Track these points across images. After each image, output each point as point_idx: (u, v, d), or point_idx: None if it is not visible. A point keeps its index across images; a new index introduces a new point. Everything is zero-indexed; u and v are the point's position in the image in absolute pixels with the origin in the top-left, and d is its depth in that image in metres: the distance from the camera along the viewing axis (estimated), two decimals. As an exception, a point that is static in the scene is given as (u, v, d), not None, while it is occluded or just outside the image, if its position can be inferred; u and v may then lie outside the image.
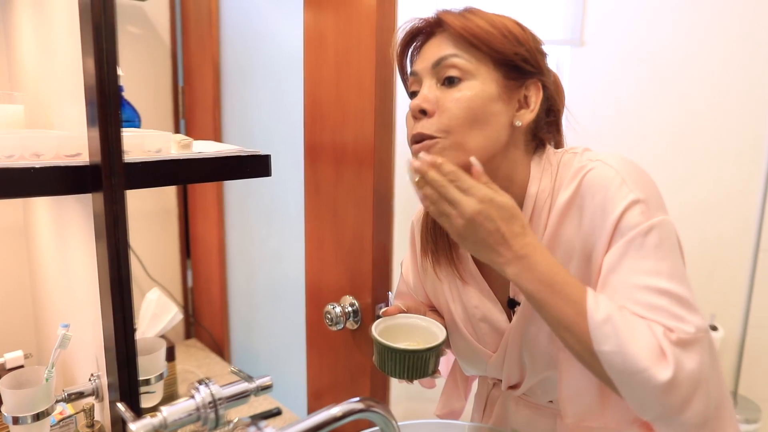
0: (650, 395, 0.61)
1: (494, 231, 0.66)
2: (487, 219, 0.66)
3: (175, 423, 0.57)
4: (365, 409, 0.63)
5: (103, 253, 0.80)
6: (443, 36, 0.75)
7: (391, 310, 0.82)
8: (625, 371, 0.61)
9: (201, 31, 1.62)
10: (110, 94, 0.75)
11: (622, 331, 0.62)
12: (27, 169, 0.79)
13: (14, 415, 0.92)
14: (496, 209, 0.66)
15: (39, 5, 1.10)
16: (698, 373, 0.61)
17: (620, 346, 0.61)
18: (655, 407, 0.62)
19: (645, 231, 0.66)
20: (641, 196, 0.67)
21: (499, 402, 0.92)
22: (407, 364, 0.73)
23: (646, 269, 0.65)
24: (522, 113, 0.75)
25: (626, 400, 0.64)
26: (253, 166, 1.08)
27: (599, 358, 0.63)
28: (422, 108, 0.73)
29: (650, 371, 0.59)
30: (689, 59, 2.11)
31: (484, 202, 0.66)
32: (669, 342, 0.61)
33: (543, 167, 0.77)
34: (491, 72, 0.73)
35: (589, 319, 0.63)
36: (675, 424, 0.62)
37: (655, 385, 0.59)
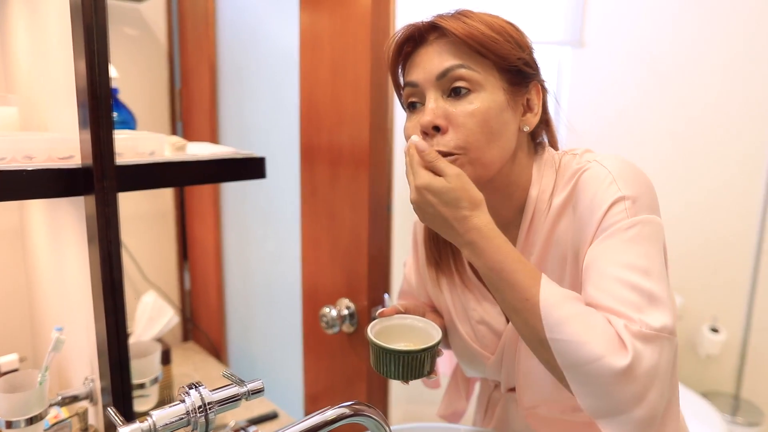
0: (603, 385, 0.58)
1: (437, 215, 0.67)
2: (427, 204, 0.67)
3: (164, 428, 0.56)
4: (357, 413, 0.62)
5: (96, 256, 0.79)
6: (443, 44, 0.71)
7: (387, 311, 0.81)
8: (578, 361, 0.59)
9: (198, 33, 1.62)
10: (102, 96, 0.74)
11: (576, 320, 0.60)
12: (19, 171, 0.79)
13: (7, 419, 0.92)
14: (434, 195, 0.66)
15: (33, 8, 1.10)
16: (656, 369, 0.58)
17: (573, 335, 0.59)
18: (608, 400, 0.58)
19: (627, 226, 0.65)
20: (628, 193, 0.66)
21: (500, 404, 0.91)
22: (402, 365, 0.72)
23: (621, 262, 0.63)
24: (527, 117, 0.74)
25: (576, 396, 0.61)
26: (247, 169, 1.07)
27: (551, 346, 0.61)
28: (436, 124, 0.70)
29: (605, 359, 0.57)
30: (690, 61, 2.10)
31: (419, 190, 0.67)
32: (629, 333, 0.58)
33: (543, 169, 0.77)
34: (497, 80, 0.71)
35: (541, 306, 0.62)
36: (626, 422, 0.58)
37: (609, 373, 0.57)
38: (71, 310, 1.08)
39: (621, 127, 2.29)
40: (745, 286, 2.11)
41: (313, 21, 1.16)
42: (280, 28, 1.37)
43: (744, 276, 2.11)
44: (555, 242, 0.74)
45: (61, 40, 0.92)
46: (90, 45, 0.74)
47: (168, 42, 1.68)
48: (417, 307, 0.88)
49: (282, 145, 1.37)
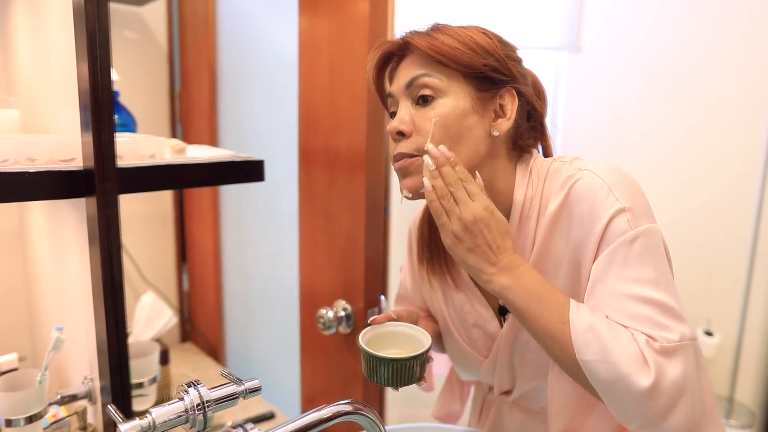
0: (632, 402, 0.61)
1: (490, 240, 0.68)
2: (486, 227, 0.68)
3: (163, 425, 0.58)
4: (352, 411, 0.63)
5: (96, 257, 0.81)
6: (413, 57, 0.76)
7: (379, 319, 0.81)
8: (608, 379, 0.62)
9: (197, 37, 1.63)
10: (104, 99, 0.76)
11: (604, 340, 0.62)
12: (21, 173, 0.80)
13: (7, 417, 0.93)
14: (496, 221, 0.69)
15: (34, 11, 1.12)
16: (682, 381, 0.61)
17: (602, 355, 0.62)
18: (638, 415, 0.62)
19: (631, 239, 0.66)
20: (627, 204, 0.67)
21: (494, 407, 0.93)
22: (392, 372, 0.73)
23: (630, 277, 0.65)
24: (499, 122, 0.75)
25: (611, 410, 0.64)
26: (246, 172, 1.08)
27: (582, 367, 0.63)
28: (399, 130, 0.74)
29: (631, 378, 0.60)
30: (686, 65, 2.12)
31: (487, 211, 0.68)
32: (651, 350, 0.61)
33: (529, 175, 0.77)
34: (463, 87, 0.74)
35: (571, 329, 0.64)
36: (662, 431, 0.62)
37: (636, 391, 0.60)
38: (70, 311, 1.09)
39: (617, 131, 2.31)
40: (739, 289, 2.12)
41: (312, 26, 1.17)
42: (279, 32, 1.38)
43: (738, 280, 2.12)
44: (550, 251, 0.75)
45: (63, 44, 0.93)
46: (92, 49, 0.75)
47: (168, 45, 1.69)
48: (410, 314, 0.89)
49: (280, 148, 1.39)
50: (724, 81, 2.06)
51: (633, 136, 2.27)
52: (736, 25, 2.02)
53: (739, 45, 2.02)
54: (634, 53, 2.23)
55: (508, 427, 0.91)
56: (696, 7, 2.08)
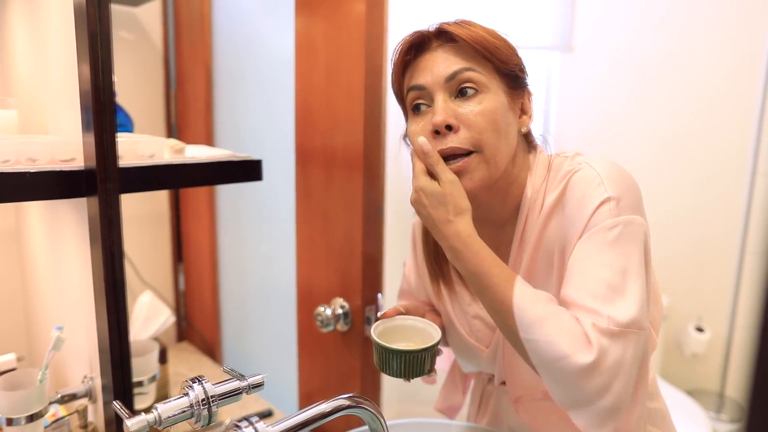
0: (569, 380, 0.62)
1: (428, 216, 0.72)
2: (420, 205, 0.73)
3: (169, 420, 0.59)
4: (354, 405, 0.65)
5: (98, 257, 0.81)
6: (448, 49, 0.74)
7: (389, 312, 0.84)
8: (548, 359, 0.63)
9: (193, 37, 1.64)
10: (105, 100, 0.77)
11: (546, 321, 0.64)
12: (22, 173, 0.81)
13: (8, 416, 0.93)
14: (426, 196, 0.72)
15: (32, 12, 1.12)
16: (620, 363, 0.62)
17: (544, 335, 0.64)
18: (575, 393, 0.63)
19: (610, 226, 0.68)
20: (614, 194, 0.70)
21: (493, 397, 0.95)
22: (404, 364, 0.75)
23: (598, 261, 0.67)
24: (524, 119, 0.79)
25: (549, 391, 0.66)
26: (244, 171, 1.10)
27: (525, 347, 0.65)
28: (449, 123, 0.72)
29: (572, 357, 0.61)
30: (676, 65, 2.15)
31: (416, 191, 0.73)
32: (596, 331, 0.62)
33: (537, 169, 0.80)
34: (499, 83, 0.75)
35: (515, 309, 0.66)
36: (589, 413, 0.63)
37: (575, 369, 0.61)
38: (69, 310, 1.09)
39: (608, 130, 2.34)
40: (729, 286, 2.16)
41: (308, 26, 1.18)
42: (276, 32, 1.39)
43: (728, 276, 2.15)
44: (545, 240, 0.77)
45: (63, 45, 0.94)
46: (94, 51, 0.76)
47: (164, 45, 1.70)
48: (417, 308, 0.92)
49: (276, 148, 1.39)
50: (714, 80, 2.09)
51: (624, 135, 2.30)
52: (725, 26, 2.05)
53: (727, 45, 2.05)
54: (626, 53, 2.25)
55: (508, 417, 0.93)
56: (685, 8, 2.11)
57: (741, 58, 2.03)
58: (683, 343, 2.25)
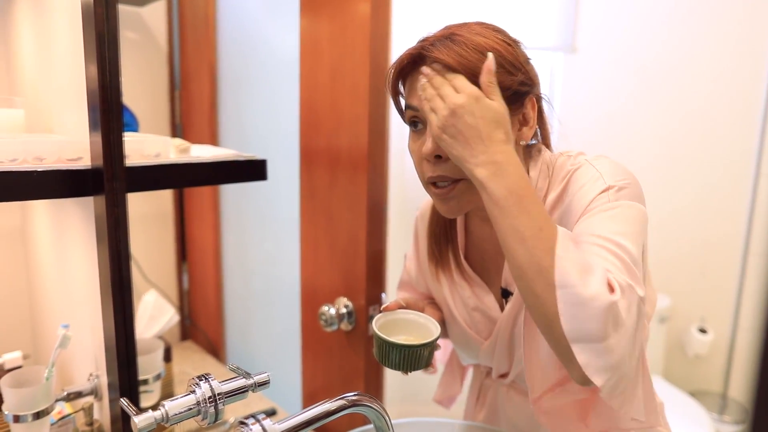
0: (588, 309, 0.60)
1: (473, 126, 0.66)
2: (469, 113, 0.66)
3: (176, 417, 0.59)
4: (360, 403, 0.65)
5: (104, 255, 0.82)
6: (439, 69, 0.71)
7: (391, 306, 0.85)
8: (574, 280, 0.60)
9: (198, 37, 1.65)
10: (112, 100, 0.77)
11: (581, 252, 0.64)
12: (30, 172, 0.82)
13: (15, 413, 0.94)
14: (480, 108, 0.66)
15: (39, 12, 1.13)
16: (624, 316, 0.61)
17: (577, 259, 0.62)
18: (586, 325, 0.60)
19: (608, 207, 0.69)
20: (611, 183, 0.71)
21: (491, 390, 0.97)
22: (403, 357, 0.77)
23: (606, 227, 0.67)
24: (523, 131, 0.77)
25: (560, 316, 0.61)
26: (249, 171, 1.10)
27: (556, 264, 0.62)
28: (437, 153, 0.72)
29: (599, 286, 0.60)
30: (680, 66, 2.15)
31: (470, 98, 0.66)
32: (614, 277, 0.62)
33: (539, 170, 0.80)
34: None
35: (558, 230, 0.64)
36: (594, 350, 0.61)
37: (600, 300, 0.59)
38: (75, 308, 1.10)
39: (611, 130, 2.34)
40: (732, 287, 2.16)
41: (313, 27, 1.19)
42: (280, 32, 1.40)
43: (731, 277, 2.15)
44: None
45: (69, 45, 0.95)
46: (101, 51, 0.76)
47: (168, 45, 1.70)
48: (417, 301, 0.93)
49: (280, 148, 1.40)
50: (717, 81, 2.09)
51: (627, 136, 2.30)
52: (728, 27, 2.05)
53: (731, 45, 2.05)
54: (629, 54, 2.25)
55: (505, 410, 0.94)
56: (688, 8, 2.11)
57: (744, 59, 2.03)
58: (686, 344, 2.25)
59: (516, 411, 0.92)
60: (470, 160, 0.67)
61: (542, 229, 0.64)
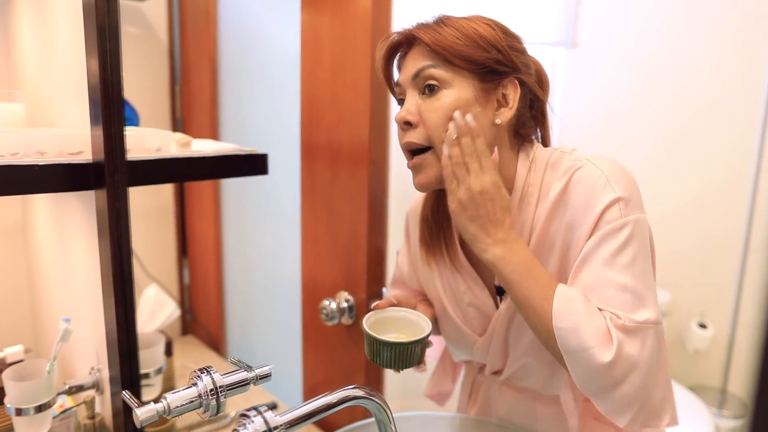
0: (591, 372, 0.67)
1: (491, 213, 0.73)
2: (490, 200, 0.73)
3: (177, 409, 0.60)
4: (361, 396, 0.65)
5: (106, 249, 0.82)
6: (420, 48, 0.78)
7: (382, 304, 0.86)
8: (575, 348, 0.68)
9: (198, 31, 1.64)
10: (113, 94, 0.77)
11: (579, 314, 0.68)
12: (31, 166, 0.82)
13: (17, 406, 0.95)
14: (500, 196, 0.74)
15: (39, 6, 1.12)
16: (636, 358, 0.66)
17: (574, 326, 0.68)
18: (594, 383, 0.68)
19: (620, 226, 0.71)
20: (623, 194, 0.72)
21: (483, 387, 0.97)
22: (394, 355, 0.77)
23: (611, 263, 0.71)
24: (502, 111, 0.78)
25: (573, 376, 0.70)
26: (250, 165, 1.10)
27: (556, 334, 0.69)
28: (406, 120, 0.77)
29: (594, 350, 0.66)
30: (681, 62, 2.15)
31: (495, 186, 0.74)
32: (615, 327, 0.67)
33: (531, 163, 0.81)
34: (466, 78, 0.76)
35: (556, 297, 0.70)
36: (609, 400, 0.68)
37: (597, 363, 0.66)
38: (76, 302, 1.10)
39: (612, 126, 2.33)
40: (732, 282, 2.16)
41: (314, 21, 1.19)
42: (281, 27, 1.40)
43: (731, 273, 2.15)
44: (548, 233, 0.78)
45: (70, 39, 0.95)
46: (103, 45, 0.76)
47: (169, 40, 1.70)
48: (409, 299, 0.93)
49: (281, 143, 1.40)
50: (718, 77, 2.08)
51: (628, 131, 2.29)
52: (728, 23, 2.04)
53: (731, 42, 2.05)
54: (630, 49, 2.25)
55: (498, 407, 0.94)
56: (690, 4, 2.11)
57: (746, 55, 2.03)
58: (686, 339, 2.26)
59: (509, 407, 0.92)
60: (485, 240, 0.74)
61: (547, 299, 0.71)
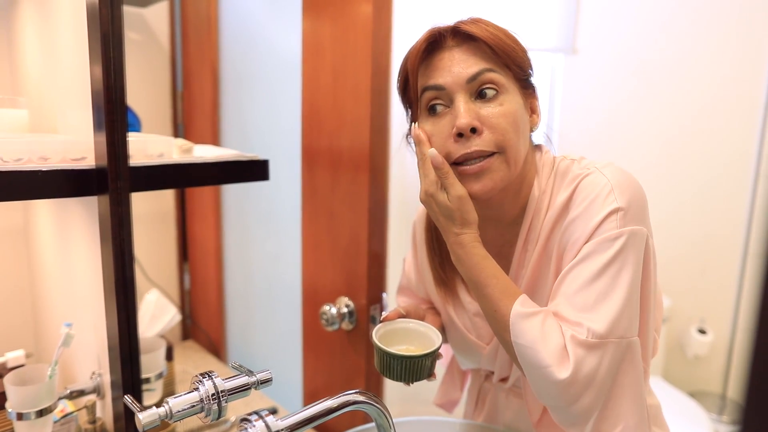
0: (549, 388, 0.68)
1: (437, 220, 0.76)
2: (430, 209, 0.76)
3: (179, 414, 0.60)
4: (362, 401, 0.66)
5: (108, 254, 0.83)
6: (467, 48, 0.73)
7: (391, 316, 0.85)
8: (532, 364, 0.68)
9: (200, 38, 1.65)
10: (117, 100, 0.78)
11: (537, 331, 0.68)
12: (34, 172, 0.82)
13: (18, 411, 0.95)
14: (436, 204, 0.75)
15: (43, 12, 1.13)
16: (592, 374, 0.66)
17: (533, 343, 0.68)
18: (552, 398, 0.69)
19: (613, 237, 0.69)
20: (622, 205, 0.71)
21: (490, 394, 0.97)
22: (405, 368, 0.76)
23: (594, 272, 0.69)
24: (533, 119, 0.80)
25: (532, 389, 0.71)
26: (252, 171, 1.11)
27: (514, 348, 0.70)
28: (473, 126, 0.71)
29: (552, 368, 0.66)
30: (679, 67, 2.16)
31: (427, 195, 0.75)
32: (574, 344, 0.67)
33: (543, 169, 0.81)
34: (515, 84, 0.75)
35: (512, 314, 0.70)
36: (564, 414, 0.69)
37: (554, 380, 0.66)
38: (78, 307, 1.10)
39: (612, 131, 2.34)
40: (732, 288, 2.16)
41: (315, 28, 1.20)
42: (282, 33, 1.41)
43: (731, 278, 2.16)
44: (551, 241, 0.78)
45: (74, 45, 0.95)
46: (106, 51, 0.77)
47: (171, 46, 1.71)
48: (417, 308, 0.93)
49: (282, 148, 1.41)
50: (717, 82, 2.09)
51: (627, 137, 2.30)
52: (728, 27, 2.06)
53: (731, 46, 2.06)
54: (629, 55, 2.26)
55: (505, 414, 0.94)
56: (689, 9, 2.12)
57: (744, 60, 2.04)
58: (685, 345, 2.26)
59: (515, 414, 0.92)
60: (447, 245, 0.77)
61: (496, 311, 0.72)
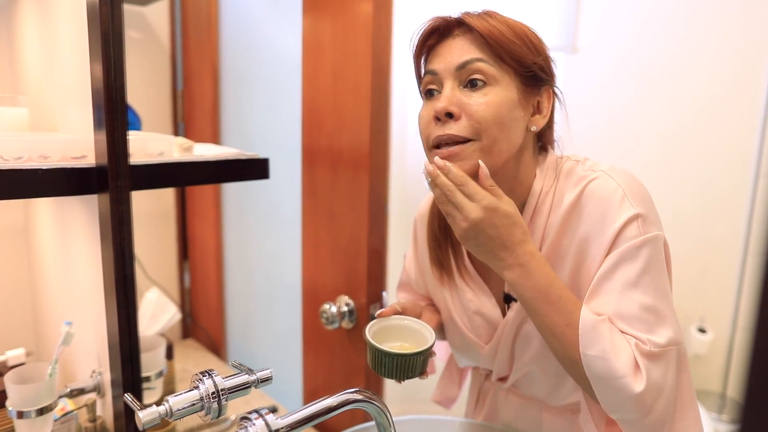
0: (621, 399, 0.67)
1: (495, 237, 0.70)
2: (490, 226, 0.69)
3: (179, 412, 0.60)
4: (361, 400, 0.66)
5: (108, 252, 0.83)
6: (466, 38, 0.75)
7: (386, 312, 0.85)
8: (604, 376, 0.67)
9: (200, 36, 1.65)
10: (117, 98, 0.78)
11: (606, 341, 0.68)
12: (35, 170, 0.82)
13: (19, 409, 0.95)
14: (499, 217, 0.70)
15: (43, 11, 1.13)
16: (662, 383, 0.67)
17: (604, 353, 0.67)
18: (624, 411, 0.68)
19: (639, 245, 0.70)
20: (641, 211, 0.71)
21: (490, 393, 0.97)
22: (396, 366, 0.76)
23: (631, 282, 0.70)
24: (536, 118, 0.79)
25: (600, 401, 0.70)
26: (252, 169, 1.11)
27: (583, 361, 0.68)
28: (449, 111, 0.72)
29: (627, 379, 0.66)
30: (680, 66, 2.15)
31: (488, 210, 0.69)
32: (641, 355, 0.67)
33: (546, 170, 0.81)
34: (512, 79, 0.74)
35: (581, 324, 0.69)
36: (638, 426, 0.69)
37: (630, 393, 0.66)
38: (78, 306, 1.11)
39: (612, 130, 2.34)
40: (732, 287, 2.16)
41: (316, 27, 1.20)
42: (283, 32, 1.41)
43: (731, 277, 2.15)
44: (559, 244, 0.78)
45: (74, 44, 0.95)
46: (106, 50, 0.77)
47: (171, 45, 1.71)
48: (414, 305, 0.92)
49: (282, 147, 1.41)
50: (717, 81, 2.09)
51: (627, 136, 2.30)
52: (728, 27, 2.05)
53: (731, 45, 2.05)
54: (630, 54, 2.26)
55: (504, 413, 0.94)
56: (689, 8, 2.12)
57: (745, 60, 2.03)
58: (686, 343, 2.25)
59: (515, 414, 0.93)
60: (497, 264, 0.72)
61: (569, 325, 0.70)
